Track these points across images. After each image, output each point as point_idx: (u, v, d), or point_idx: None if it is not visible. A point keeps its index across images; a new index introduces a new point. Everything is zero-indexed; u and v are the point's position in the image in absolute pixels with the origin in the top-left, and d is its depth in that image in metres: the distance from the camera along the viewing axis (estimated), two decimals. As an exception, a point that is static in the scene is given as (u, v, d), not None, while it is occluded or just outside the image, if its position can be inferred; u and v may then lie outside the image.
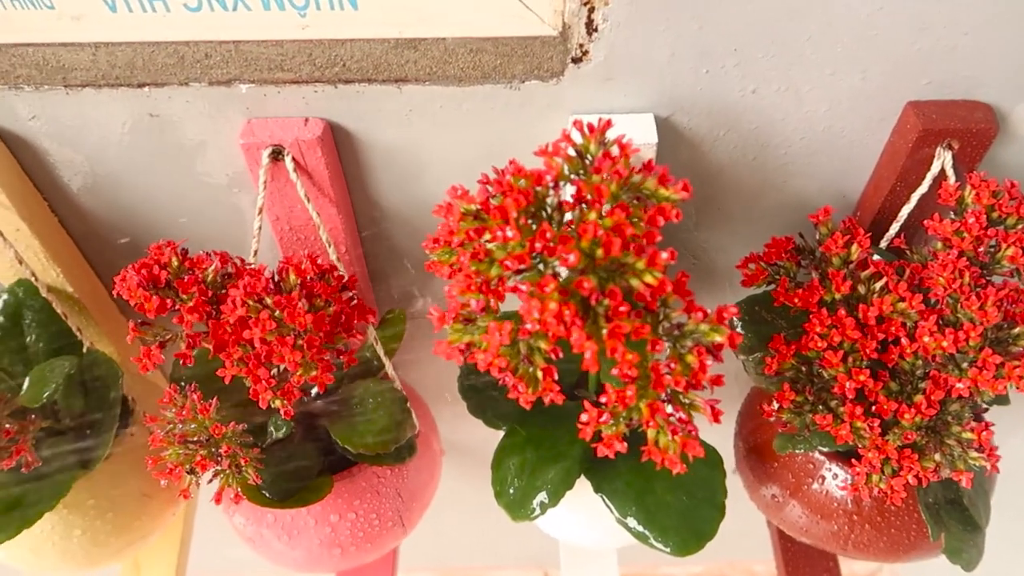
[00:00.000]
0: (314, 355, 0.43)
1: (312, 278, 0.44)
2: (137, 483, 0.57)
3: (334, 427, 0.52)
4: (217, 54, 0.45)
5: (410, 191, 0.54)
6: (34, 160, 0.51)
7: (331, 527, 0.54)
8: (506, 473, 0.53)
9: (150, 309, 0.43)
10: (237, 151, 0.51)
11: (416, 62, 0.46)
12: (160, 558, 0.74)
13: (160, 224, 0.56)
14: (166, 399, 0.47)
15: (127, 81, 0.46)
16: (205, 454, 0.45)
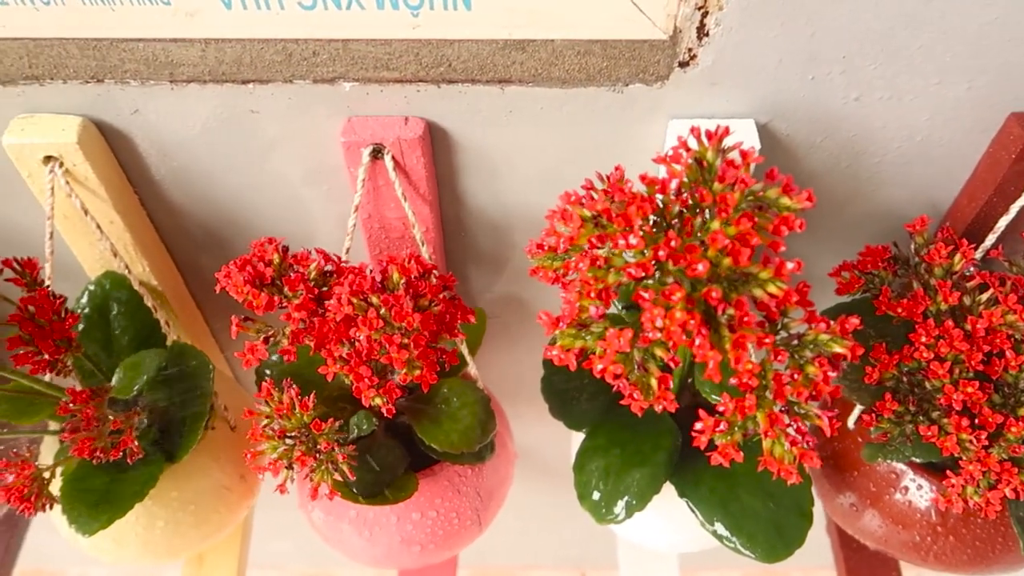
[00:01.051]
0: (420, 354, 0.43)
1: (416, 277, 0.45)
2: (217, 476, 0.57)
3: (419, 425, 0.52)
4: (325, 52, 0.45)
5: (497, 191, 0.54)
6: (130, 153, 0.51)
7: (413, 525, 0.54)
8: (590, 476, 0.53)
9: (259, 306, 0.44)
10: (329, 148, 0.51)
11: (522, 63, 0.46)
12: (224, 550, 0.74)
13: (244, 219, 0.57)
14: (263, 394, 0.47)
15: (233, 77, 0.47)
16: (304, 450, 0.46)
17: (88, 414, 0.46)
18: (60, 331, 0.44)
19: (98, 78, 0.47)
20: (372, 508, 0.54)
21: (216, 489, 0.57)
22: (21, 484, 0.44)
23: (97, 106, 0.48)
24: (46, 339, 0.44)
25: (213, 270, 0.60)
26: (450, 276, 0.47)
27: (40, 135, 0.47)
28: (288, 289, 0.44)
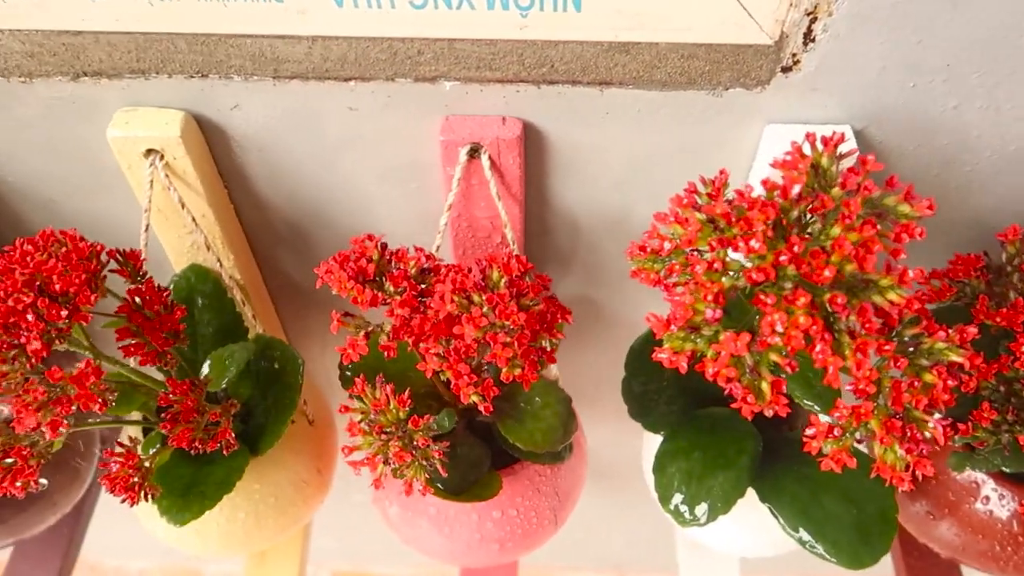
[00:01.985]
0: (523, 353, 0.43)
1: (517, 276, 0.45)
2: (296, 469, 0.58)
3: (503, 424, 0.53)
4: (429, 51, 0.46)
5: (585, 193, 0.54)
6: (225, 148, 0.52)
7: (493, 523, 0.55)
8: (671, 479, 0.53)
9: (363, 302, 0.44)
10: (423, 147, 0.51)
11: (625, 66, 0.46)
12: (285, 546, 0.75)
13: (328, 215, 0.57)
14: (357, 390, 0.48)
15: (335, 75, 0.47)
16: (401, 445, 0.46)
17: (188, 405, 0.46)
18: (169, 323, 0.45)
19: (203, 73, 0.47)
20: (453, 505, 0.55)
21: (295, 482, 0.58)
22: (126, 474, 0.45)
23: (198, 100, 0.49)
24: (155, 331, 0.44)
25: (291, 264, 0.61)
26: (545, 276, 0.47)
27: (144, 128, 0.48)
28: (392, 285, 0.45)
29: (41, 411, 0.40)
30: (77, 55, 0.46)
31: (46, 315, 0.39)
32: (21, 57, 0.46)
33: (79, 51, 0.46)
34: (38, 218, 0.58)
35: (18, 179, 0.54)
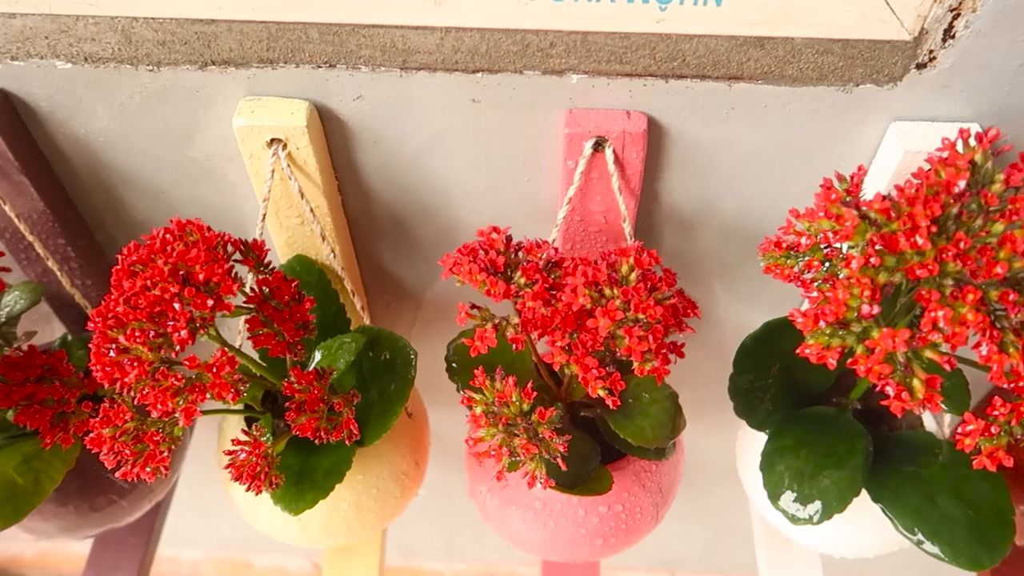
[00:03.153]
0: (657, 347, 0.43)
1: (648, 270, 0.45)
2: (396, 461, 0.58)
3: (612, 418, 0.53)
4: (562, 44, 0.45)
5: (696, 189, 0.54)
6: (341, 138, 0.52)
7: (599, 518, 0.55)
8: (780, 477, 0.53)
9: (496, 294, 0.44)
10: (541, 140, 0.51)
11: (757, 60, 0.46)
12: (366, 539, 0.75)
13: (434, 207, 0.57)
14: (478, 382, 0.48)
15: (464, 66, 0.47)
16: (527, 438, 0.46)
17: (314, 395, 0.46)
18: (299, 313, 0.45)
19: (330, 63, 0.47)
20: (560, 499, 0.54)
21: (395, 474, 0.58)
22: (253, 462, 0.45)
23: (321, 90, 0.49)
24: (286, 321, 0.44)
25: (387, 256, 0.61)
26: (671, 270, 0.47)
27: (270, 118, 0.48)
28: (523, 278, 0.44)
29: (177, 397, 0.40)
30: (208, 44, 0.46)
31: (193, 304, 0.39)
32: (152, 45, 0.47)
33: (210, 40, 0.46)
34: (144, 208, 0.58)
35: (130, 168, 0.55)
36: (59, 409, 0.50)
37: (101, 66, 0.48)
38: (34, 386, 0.49)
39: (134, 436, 0.44)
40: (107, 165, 0.54)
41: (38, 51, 0.47)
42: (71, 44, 0.47)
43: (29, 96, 0.50)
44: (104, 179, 0.56)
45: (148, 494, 0.62)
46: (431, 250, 0.61)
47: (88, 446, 0.45)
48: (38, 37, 0.46)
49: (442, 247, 0.60)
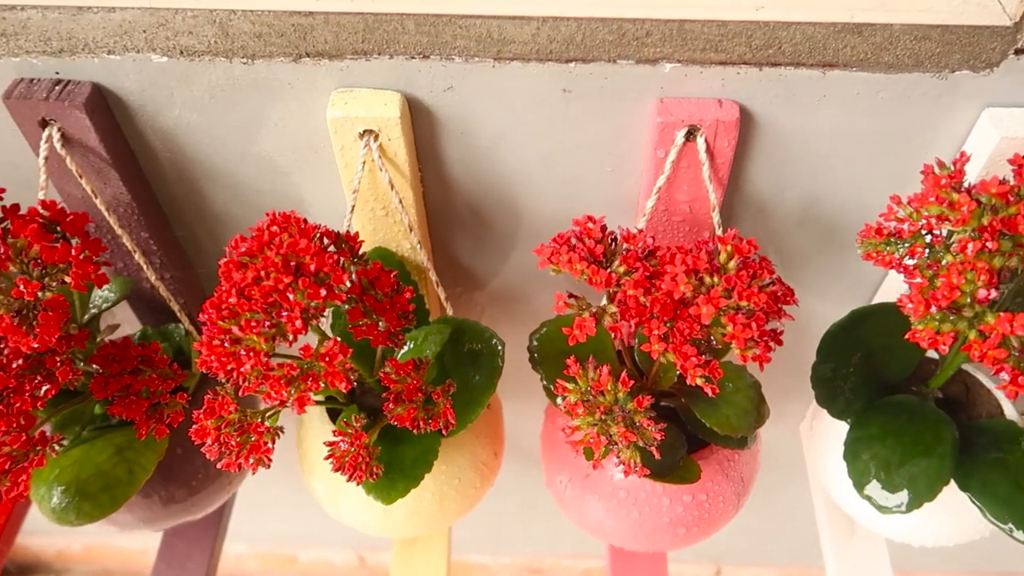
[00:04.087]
0: (760, 334, 0.43)
1: (749, 258, 0.45)
2: (477, 451, 0.58)
3: (697, 407, 0.53)
4: (658, 32, 0.46)
5: (780, 177, 0.54)
6: (427, 129, 0.52)
7: (683, 507, 0.55)
8: (866, 465, 0.53)
9: (599, 283, 0.44)
10: (628, 129, 0.51)
11: (854, 47, 0.45)
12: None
13: (512, 198, 0.57)
14: (572, 371, 0.48)
15: (557, 56, 0.47)
16: (625, 426, 0.46)
17: (413, 385, 0.46)
18: (400, 304, 0.45)
19: (424, 54, 0.47)
20: (644, 488, 0.55)
21: (475, 464, 0.58)
22: (355, 453, 0.45)
23: (413, 82, 0.49)
24: (387, 311, 0.45)
25: (462, 248, 0.61)
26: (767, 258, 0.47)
27: (364, 109, 0.48)
28: (624, 266, 0.45)
29: (291, 386, 0.41)
30: (303, 36, 0.47)
31: (307, 295, 0.39)
32: (248, 38, 0.47)
33: (306, 32, 0.46)
34: (223, 200, 0.58)
35: (214, 161, 0.55)
36: (154, 400, 0.50)
37: (196, 59, 0.48)
38: (130, 377, 0.50)
39: (239, 427, 0.45)
40: (191, 158, 0.55)
41: (135, 45, 0.47)
42: (168, 38, 0.47)
43: (122, 90, 0.50)
44: (186, 172, 0.56)
45: (227, 486, 0.63)
46: (507, 241, 0.61)
47: (192, 437, 0.45)
48: (136, 31, 0.47)
49: (519, 238, 0.60)
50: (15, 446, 0.45)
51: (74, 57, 0.48)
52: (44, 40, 0.47)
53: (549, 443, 0.60)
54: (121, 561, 1.30)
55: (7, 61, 0.49)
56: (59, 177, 0.53)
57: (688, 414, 0.54)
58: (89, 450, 0.52)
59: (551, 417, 0.61)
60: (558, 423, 0.59)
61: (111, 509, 0.51)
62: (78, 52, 0.48)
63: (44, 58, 0.48)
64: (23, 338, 0.42)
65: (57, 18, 0.46)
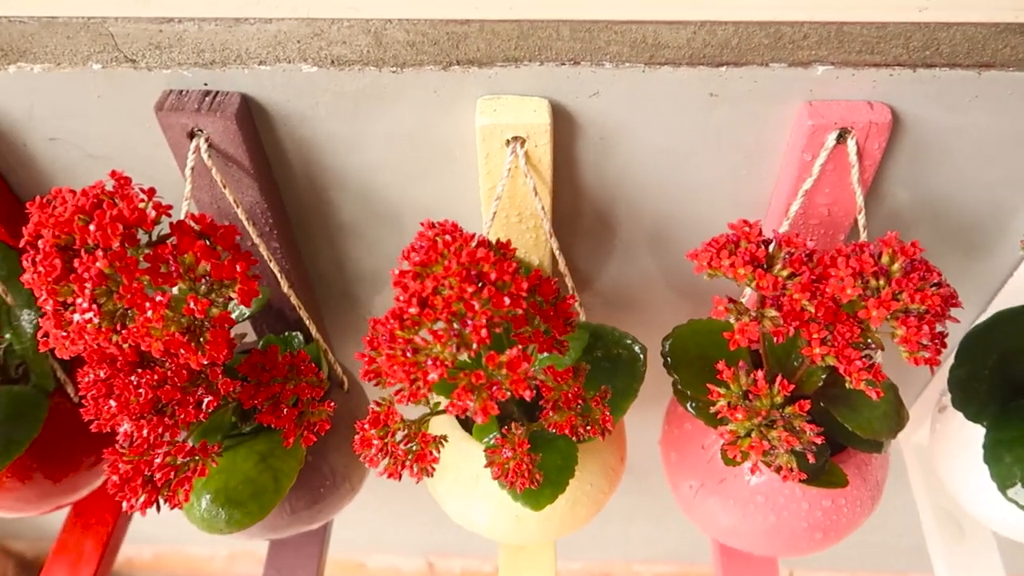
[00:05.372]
0: (931, 336, 0.43)
1: (914, 259, 0.44)
2: (607, 456, 0.58)
3: (838, 410, 0.52)
4: (815, 35, 0.45)
5: (920, 178, 0.54)
6: (567, 136, 0.52)
7: (822, 511, 0.54)
8: (1010, 468, 0.53)
9: (765, 287, 0.44)
10: (771, 131, 0.51)
11: (1014, 47, 0.45)
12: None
13: (642, 203, 0.57)
14: (725, 376, 0.48)
15: (710, 60, 0.47)
16: (786, 431, 0.46)
17: (574, 392, 0.46)
18: (564, 310, 0.45)
19: (575, 60, 0.47)
20: (782, 493, 0.54)
21: (605, 470, 0.58)
22: (518, 460, 0.45)
23: (558, 87, 0.49)
24: (553, 319, 0.45)
25: (584, 255, 0.61)
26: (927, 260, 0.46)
27: (512, 116, 0.48)
28: (787, 270, 0.44)
29: (473, 394, 0.41)
30: (456, 44, 0.47)
31: (492, 303, 0.39)
32: (401, 47, 0.47)
33: (459, 40, 0.47)
34: (351, 210, 0.59)
35: (348, 170, 0.55)
36: (302, 408, 0.50)
37: (345, 69, 0.48)
38: (280, 385, 0.50)
39: (405, 437, 0.45)
40: (327, 167, 0.55)
41: (287, 55, 0.48)
42: (321, 48, 0.47)
43: (267, 100, 0.50)
44: (318, 181, 0.56)
45: (349, 494, 0.63)
46: (631, 246, 0.61)
47: (355, 448, 0.45)
48: (290, 41, 0.47)
49: (643, 243, 0.60)
50: (179, 456, 0.46)
51: (225, 68, 0.49)
52: (197, 52, 0.48)
53: (675, 447, 0.60)
54: (189, 568, 1.31)
55: (157, 73, 0.49)
56: (194, 188, 0.53)
57: (827, 418, 0.54)
58: (234, 458, 0.52)
59: (674, 422, 0.61)
60: (685, 428, 0.59)
61: (259, 517, 0.51)
62: (229, 63, 0.48)
63: (195, 70, 0.49)
64: (193, 355, 0.42)
65: (213, 30, 0.47)
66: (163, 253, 0.40)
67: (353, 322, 0.72)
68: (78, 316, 0.40)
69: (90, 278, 0.39)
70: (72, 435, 0.62)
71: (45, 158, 0.56)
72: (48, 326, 0.41)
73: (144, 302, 0.40)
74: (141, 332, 0.40)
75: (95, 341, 0.40)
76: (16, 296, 0.58)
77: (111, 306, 0.41)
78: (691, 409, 0.55)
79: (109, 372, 0.46)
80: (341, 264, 0.64)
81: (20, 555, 1.34)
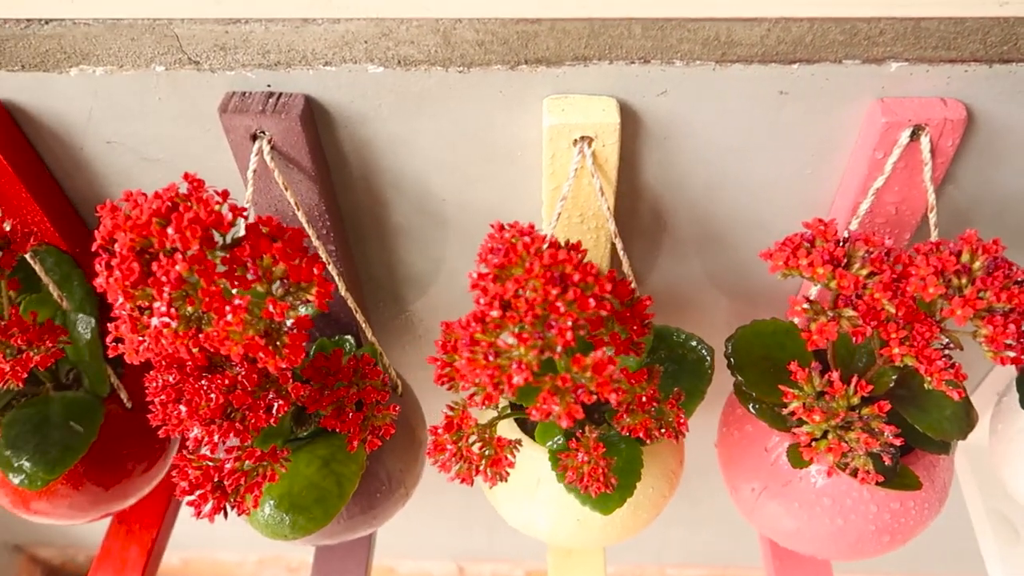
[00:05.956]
0: (1017, 335, 0.42)
1: (996, 257, 0.44)
2: (667, 460, 0.57)
3: (908, 411, 0.52)
4: (892, 31, 0.45)
5: (987, 175, 0.53)
6: (630, 136, 0.52)
7: (891, 514, 0.54)
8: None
9: (845, 287, 0.43)
10: (835, 130, 0.50)
11: (1094, 42, 0.44)
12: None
13: (703, 206, 0.56)
14: (799, 377, 0.47)
15: (782, 58, 0.46)
16: (866, 434, 0.45)
17: (649, 395, 0.46)
18: (639, 313, 0.44)
19: (646, 59, 0.47)
20: (849, 495, 0.54)
21: (666, 473, 0.57)
22: (594, 464, 0.45)
23: (626, 86, 0.48)
24: (628, 320, 0.44)
25: (639, 255, 0.61)
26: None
27: (581, 116, 0.48)
28: (866, 269, 0.44)
29: (558, 397, 0.40)
30: (526, 43, 0.46)
31: (578, 305, 0.39)
32: (470, 46, 0.46)
33: (529, 39, 0.46)
34: (406, 211, 0.58)
35: (406, 171, 0.55)
36: (367, 412, 0.50)
37: (412, 69, 0.48)
38: (345, 389, 0.49)
39: (480, 441, 0.44)
40: (385, 169, 0.54)
41: (353, 56, 0.47)
42: (388, 48, 0.47)
43: (330, 101, 0.50)
44: (375, 183, 0.56)
45: (403, 499, 0.62)
46: (687, 246, 0.60)
47: (428, 453, 0.45)
48: (357, 42, 0.47)
49: (702, 243, 0.60)
50: (251, 461, 0.45)
51: (289, 69, 0.48)
52: (263, 53, 0.47)
53: (735, 450, 0.59)
54: (218, 574, 1.30)
55: (220, 75, 0.49)
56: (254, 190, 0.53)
57: (896, 419, 0.53)
58: (296, 463, 0.52)
59: (733, 424, 0.60)
60: (747, 430, 0.59)
61: (324, 522, 0.50)
62: (294, 64, 0.48)
63: (258, 71, 0.48)
64: (271, 358, 0.41)
65: (280, 31, 0.46)
66: (241, 255, 0.40)
67: (397, 324, 0.71)
68: (156, 320, 0.39)
69: (169, 281, 0.39)
70: (123, 442, 0.61)
71: (100, 162, 0.55)
72: (124, 330, 0.40)
73: (223, 305, 0.39)
74: (221, 336, 0.39)
75: (171, 345, 0.40)
76: (70, 300, 0.57)
77: (187, 310, 0.40)
78: (753, 410, 0.54)
79: (178, 377, 0.45)
80: (392, 267, 0.64)
81: (47, 562, 1.33)
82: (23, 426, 0.54)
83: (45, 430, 0.55)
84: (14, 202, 0.54)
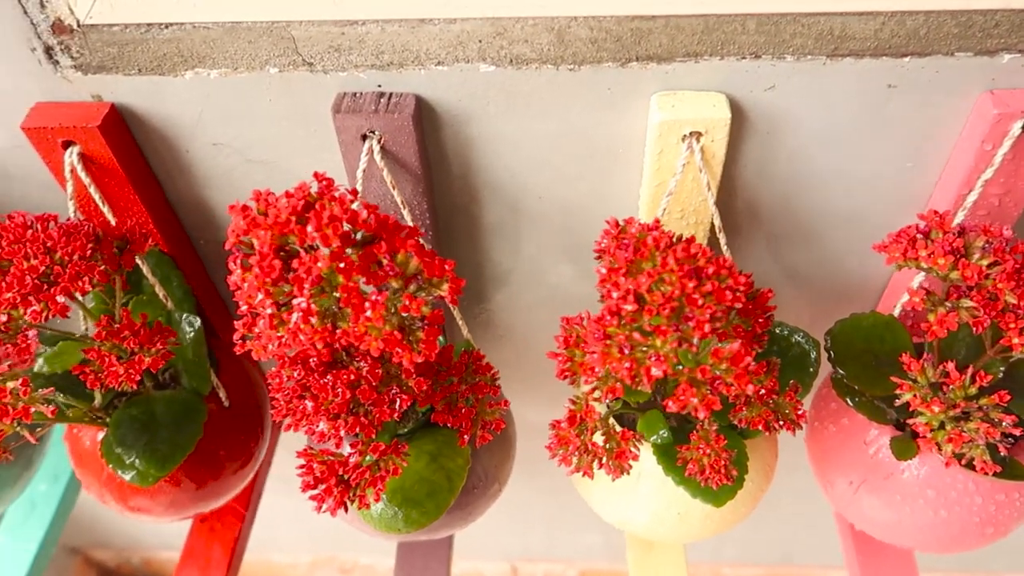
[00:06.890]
0: None
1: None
2: (763, 453, 0.58)
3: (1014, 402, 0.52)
4: (1008, 22, 0.45)
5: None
6: (735, 130, 0.52)
7: (996, 505, 0.54)
8: None
9: (969, 277, 0.43)
10: (939, 122, 0.51)
11: None
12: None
13: (802, 198, 0.57)
14: (913, 368, 0.48)
15: (895, 51, 0.47)
16: (986, 423, 0.45)
17: (768, 387, 0.46)
18: (761, 305, 0.45)
19: (756, 54, 0.47)
20: (954, 487, 0.54)
21: (764, 467, 0.58)
22: (715, 457, 0.45)
23: (734, 82, 0.49)
24: (751, 312, 0.44)
25: (745, 245, 0.61)
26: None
27: (691, 111, 0.48)
28: (988, 259, 0.44)
29: (695, 388, 0.40)
30: (638, 40, 0.47)
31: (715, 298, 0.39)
32: (583, 44, 0.47)
33: (642, 36, 0.47)
34: (499, 210, 0.59)
35: (505, 170, 0.55)
36: (478, 407, 0.50)
37: (523, 67, 0.48)
38: (457, 384, 0.50)
39: (604, 434, 0.45)
40: (484, 167, 0.55)
41: (466, 55, 0.48)
42: (502, 47, 0.47)
43: (438, 100, 0.51)
44: (472, 182, 0.56)
45: (496, 494, 0.63)
46: (779, 240, 0.60)
47: (549, 447, 0.45)
48: (471, 41, 0.47)
49: (794, 237, 0.60)
50: (375, 455, 0.46)
51: (401, 69, 0.49)
52: (376, 54, 0.48)
53: (830, 444, 0.59)
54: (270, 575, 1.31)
55: (333, 76, 0.49)
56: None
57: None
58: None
59: (827, 418, 0.61)
60: (843, 423, 0.59)
61: (436, 516, 0.51)
62: (407, 64, 0.49)
63: (370, 71, 0.49)
64: (408, 353, 0.42)
65: (396, 31, 0.47)
66: (377, 252, 0.41)
67: (478, 322, 0.72)
68: (296, 315, 0.40)
69: (310, 278, 0.39)
70: (221, 440, 0.62)
71: (205, 164, 0.56)
72: (262, 327, 0.41)
73: (362, 301, 0.40)
74: (360, 331, 0.40)
75: (311, 341, 0.40)
76: (171, 300, 0.58)
77: (323, 306, 0.41)
78: (851, 403, 0.55)
79: (302, 373, 0.46)
80: (480, 265, 0.64)
81: (102, 564, 1.35)
82: (131, 425, 0.55)
83: (153, 428, 0.55)
84: (122, 203, 0.55)
